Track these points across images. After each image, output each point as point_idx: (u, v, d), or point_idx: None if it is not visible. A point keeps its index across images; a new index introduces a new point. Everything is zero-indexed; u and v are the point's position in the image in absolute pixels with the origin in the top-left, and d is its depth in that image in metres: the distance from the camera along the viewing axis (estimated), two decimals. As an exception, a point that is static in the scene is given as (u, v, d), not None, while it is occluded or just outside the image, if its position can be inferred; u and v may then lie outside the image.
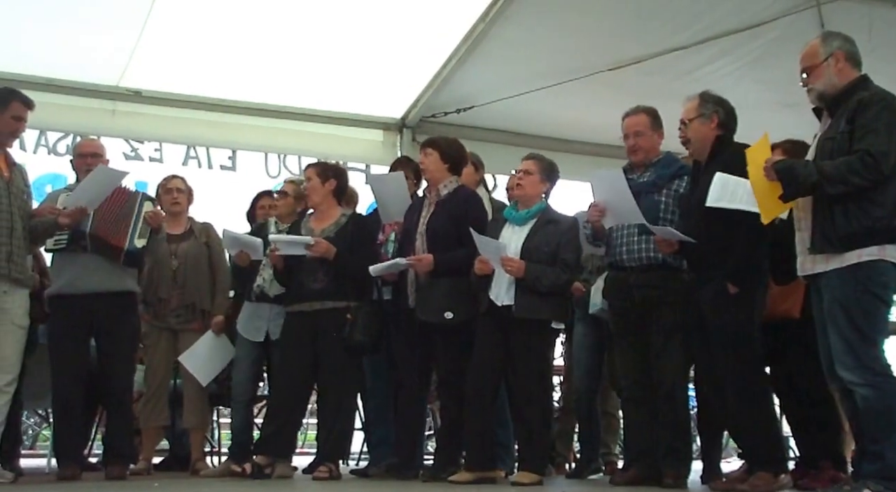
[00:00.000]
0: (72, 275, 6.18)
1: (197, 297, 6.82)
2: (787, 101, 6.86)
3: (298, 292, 6.37)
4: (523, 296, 5.72)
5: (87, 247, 6.15)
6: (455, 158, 6.29)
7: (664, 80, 7.87)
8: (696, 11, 7.42)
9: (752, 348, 5.29)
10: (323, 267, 6.28)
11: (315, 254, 6.22)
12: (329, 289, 6.28)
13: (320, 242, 6.22)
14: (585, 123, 8.70)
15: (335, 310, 6.25)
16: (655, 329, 5.63)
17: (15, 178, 5.81)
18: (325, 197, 6.52)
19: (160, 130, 8.39)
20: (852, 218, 4.53)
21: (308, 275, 6.31)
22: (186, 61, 7.93)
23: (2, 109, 5.76)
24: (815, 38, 4.93)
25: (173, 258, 6.73)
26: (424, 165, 6.26)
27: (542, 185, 6.01)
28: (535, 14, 7.47)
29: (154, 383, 6.73)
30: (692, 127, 5.49)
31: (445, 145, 6.29)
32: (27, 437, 11.54)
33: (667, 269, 5.66)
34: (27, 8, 7.16)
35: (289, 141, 8.73)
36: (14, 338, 5.67)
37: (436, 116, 8.76)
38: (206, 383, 6.70)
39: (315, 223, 6.51)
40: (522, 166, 6.07)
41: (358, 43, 7.89)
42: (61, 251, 6.21)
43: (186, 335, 6.76)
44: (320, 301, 6.29)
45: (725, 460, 7.26)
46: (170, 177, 7.03)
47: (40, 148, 8.11)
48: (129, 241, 6.20)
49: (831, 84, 4.77)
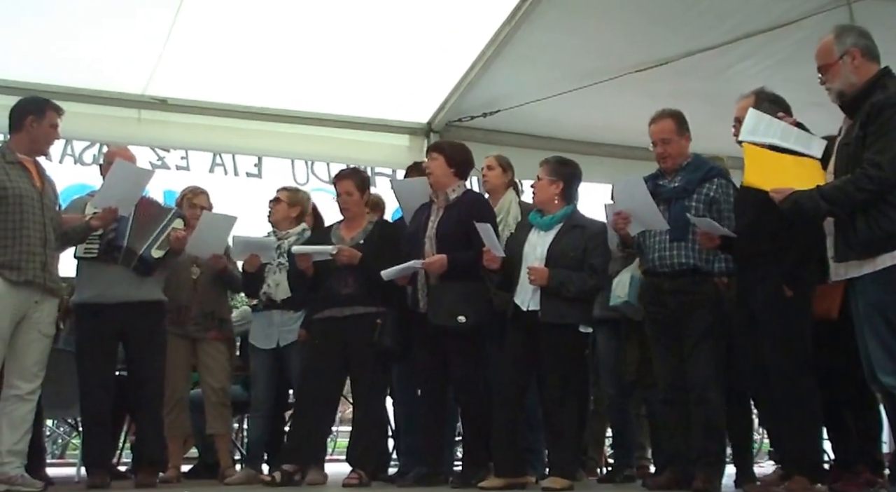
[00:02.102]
0: (102, 285, 6.20)
1: (216, 305, 6.84)
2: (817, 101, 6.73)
3: (328, 298, 6.35)
4: (549, 301, 5.69)
5: (117, 259, 6.17)
6: (461, 162, 6.28)
7: (692, 80, 7.82)
8: (724, 11, 7.36)
9: (804, 351, 5.23)
10: (353, 273, 6.26)
11: (341, 261, 6.20)
12: (359, 294, 6.28)
13: (343, 250, 6.20)
14: (613, 126, 8.66)
15: (365, 315, 6.23)
16: (687, 333, 5.59)
17: (47, 189, 5.84)
18: (361, 207, 6.55)
19: (186, 137, 8.38)
20: (873, 224, 4.46)
21: (338, 280, 6.31)
22: (212, 69, 7.93)
23: (39, 119, 5.79)
24: (828, 34, 4.82)
25: (194, 267, 6.74)
26: (430, 169, 6.25)
27: (554, 186, 5.94)
28: (561, 16, 7.44)
29: (174, 392, 6.70)
30: None
31: (451, 150, 6.29)
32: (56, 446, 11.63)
33: (699, 274, 5.62)
34: (52, 18, 7.17)
35: (315, 147, 8.71)
36: (39, 347, 5.68)
37: (462, 121, 8.72)
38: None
39: (345, 231, 6.52)
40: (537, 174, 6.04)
41: (383, 48, 7.88)
42: (90, 260, 6.21)
43: (205, 344, 6.78)
44: (350, 307, 6.28)
45: (758, 464, 7.18)
46: (197, 191, 7.03)
47: (66, 157, 8.13)
48: (146, 247, 6.21)
49: (849, 83, 4.69)
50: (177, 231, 6.34)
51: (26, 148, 5.80)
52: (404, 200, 6.74)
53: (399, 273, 6.11)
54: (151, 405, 6.37)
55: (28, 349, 5.62)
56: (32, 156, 5.85)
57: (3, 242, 5.53)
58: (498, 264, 5.82)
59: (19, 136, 5.80)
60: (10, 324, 5.54)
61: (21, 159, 5.75)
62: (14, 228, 5.56)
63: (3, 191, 5.56)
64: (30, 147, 5.82)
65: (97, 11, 7.17)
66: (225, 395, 6.83)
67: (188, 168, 8.51)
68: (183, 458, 7.21)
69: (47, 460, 8.05)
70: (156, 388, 6.39)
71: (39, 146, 5.87)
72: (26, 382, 5.61)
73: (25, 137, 5.79)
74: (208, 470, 7.19)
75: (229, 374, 6.95)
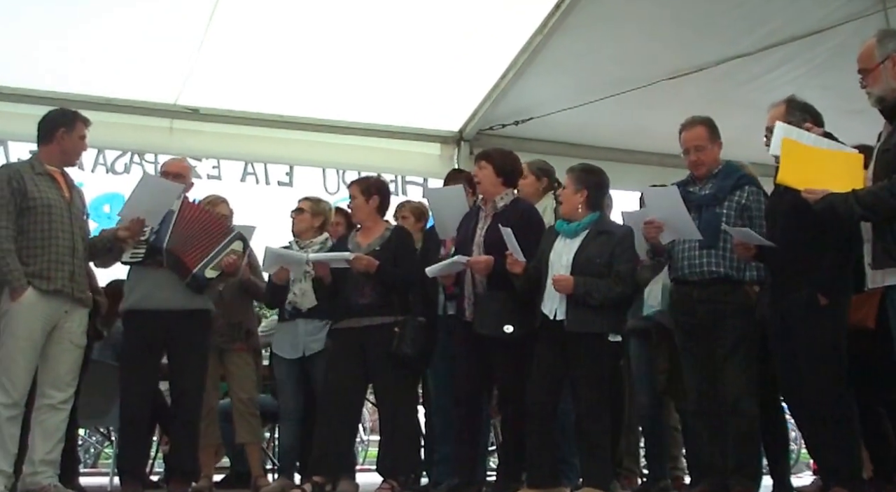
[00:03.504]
0: (146, 290, 6.20)
1: (242, 317, 6.84)
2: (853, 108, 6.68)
3: (346, 308, 6.32)
4: (575, 310, 5.61)
5: (162, 262, 6.17)
6: (509, 170, 6.21)
7: (725, 88, 7.79)
8: (758, 18, 7.32)
9: (840, 361, 5.15)
10: (370, 282, 6.24)
11: (357, 268, 6.18)
12: (376, 304, 6.24)
13: (360, 258, 6.18)
14: (646, 134, 8.61)
15: (383, 325, 6.20)
16: (719, 343, 5.52)
17: (75, 199, 5.87)
18: (369, 214, 6.50)
19: (218, 147, 8.42)
20: None
21: (355, 290, 6.28)
22: (243, 78, 7.96)
23: (70, 130, 5.82)
24: (871, 38, 4.75)
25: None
26: (479, 178, 6.18)
27: (578, 195, 5.86)
28: (593, 25, 7.42)
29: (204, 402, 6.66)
30: None
31: (500, 158, 6.21)
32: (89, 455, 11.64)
33: (729, 282, 5.55)
34: (85, 29, 7.23)
35: (346, 156, 8.71)
36: (71, 357, 5.70)
37: (493, 129, 8.71)
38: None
39: (361, 238, 6.49)
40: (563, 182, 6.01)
41: (415, 57, 7.89)
42: (137, 265, 6.23)
43: (232, 355, 6.78)
44: (368, 317, 6.24)
45: (797, 476, 7.11)
46: (217, 201, 6.97)
47: (98, 167, 8.15)
48: (201, 266, 6.20)
49: (890, 88, 4.62)
50: (231, 256, 6.29)
51: (56, 159, 5.83)
52: (437, 209, 6.70)
53: (443, 270, 6.06)
54: (189, 416, 6.32)
55: (60, 359, 5.64)
56: (62, 167, 5.88)
57: (32, 252, 5.57)
58: (520, 269, 5.77)
59: (49, 147, 5.83)
60: (41, 333, 5.56)
61: (50, 170, 5.78)
62: (43, 237, 5.59)
63: (32, 201, 5.60)
64: (60, 158, 5.85)
65: (130, 22, 7.22)
66: (253, 405, 6.82)
67: (220, 177, 8.53)
68: (215, 468, 7.19)
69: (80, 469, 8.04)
70: (195, 399, 6.35)
71: (69, 157, 5.91)
72: (59, 391, 5.63)
73: (56, 148, 5.82)
74: (240, 480, 7.19)
75: (256, 384, 6.95)
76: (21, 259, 5.53)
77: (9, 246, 5.52)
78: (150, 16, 7.20)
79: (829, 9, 7.11)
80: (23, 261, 5.54)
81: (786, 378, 5.46)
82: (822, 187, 4.65)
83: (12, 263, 5.50)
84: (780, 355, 5.40)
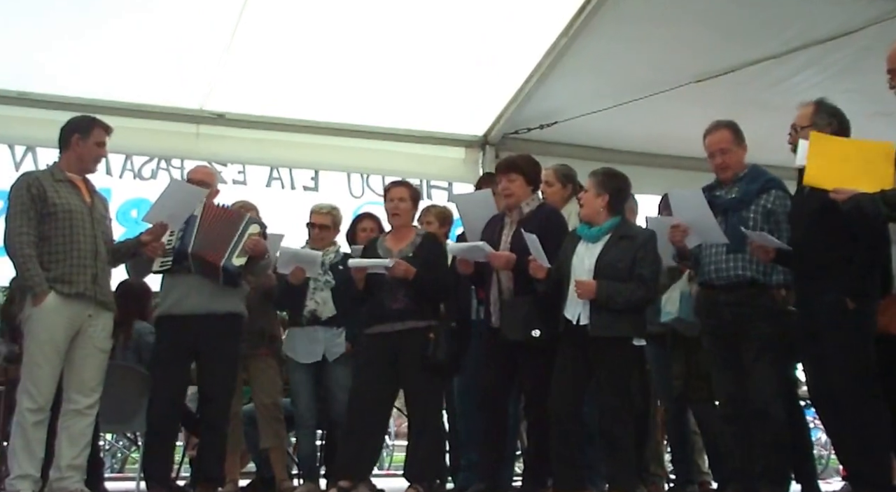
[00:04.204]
0: (178, 295, 6.26)
1: (265, 322, 6.85)
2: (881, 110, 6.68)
3: (379, 313, 6.32)
4: (598, 314, 5.59)
5: (190, 268, 6.22)
6: (537, 178, 6.25)
7: (750, 91, 7.74)
8: (782, 22, 7.27)
9: (868, 365, 5.10)
10: (403, 287, 6.23)
11: (395, 275, 6.18)
12: (410, 309, 6.24)
13: (399, 264, 6.18)
14: (671, 137, 8.58)
15: (416, 330, 6.20)
16: (746, 347, 5.49)
17: (96, 204, 5.91)
18: (410, 217, 6.54)
19: (243, 152, 8.45)
20: None
21: (388, 295, 6.27)
22: (268, 84, 7.98)
23: (85, 136, 5.86)
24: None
25: (244, 284, 6.72)
26: (510, 190, 6.12)
27: (599, 199, 5.81)
28: (618, 27, 7.39)
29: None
30: (803, 135, 5.33)
31: (528, 168, 6.18)
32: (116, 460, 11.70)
33: (756, 286, 5.53)
34: (112, 35, 7.27)
35: (371, 160, 8.73)
36: (96, 361, 5.73)
37: (518, 133, 8.70)
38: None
39: (392, 243, 6.47)
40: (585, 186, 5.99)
41: (439, 61, 7.88)
42: (169, 272, 6.29)
43: (255, 360, 6.79)
44: (402, 322, 6.24)
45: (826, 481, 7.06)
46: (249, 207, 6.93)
47: (126, 172, 8.20)
48: (227, 257, 6.22)
49: None
50: (253, 237, 6.33)
51: (74, 166, 5.88)
52: (465, 214, 6.68)
53: (465, 251, 6.04)
54: (217, 422, 6.35)
55: (85, 364, 5.68)
56: (81, 174, 5.92)
57: (54, 257, 5.62)
58: (543, 274, 5.75)
59: (67, 154, 5.89)
60: (64, 337, 5.60)
61: (70, 177, 5.83)
62: (64, 242, 5.64)
63: (53, 207, 5.65)
64: (77, 165, 5.89)
65: (157, 29, 7.25)
66: (277, 409, 6.83)
67: (245, 182, 8.56)
68: (241, 473, 7.21)
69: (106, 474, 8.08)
70: (224, 405, 6.38)
71: (86, 164, 5.93)
72: (84, 396, 5.67)
73: (73, 155, 5.87)
74: (266, 485, 7.19)
75: (280, 388, 6.95)
76: (43, 265, 5.59)
77: (30, 252, 5.57)
78: (177, 23, 7.23)
79: (852, 12, 7.04)
80: (45, 266, 5.59)
81: (813, 382, 5.43)
82: (850, 187, 4.62)
83: (33, 269, 5.55)
84: (807, 360, 5.37)
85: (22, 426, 5.50)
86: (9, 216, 5.70)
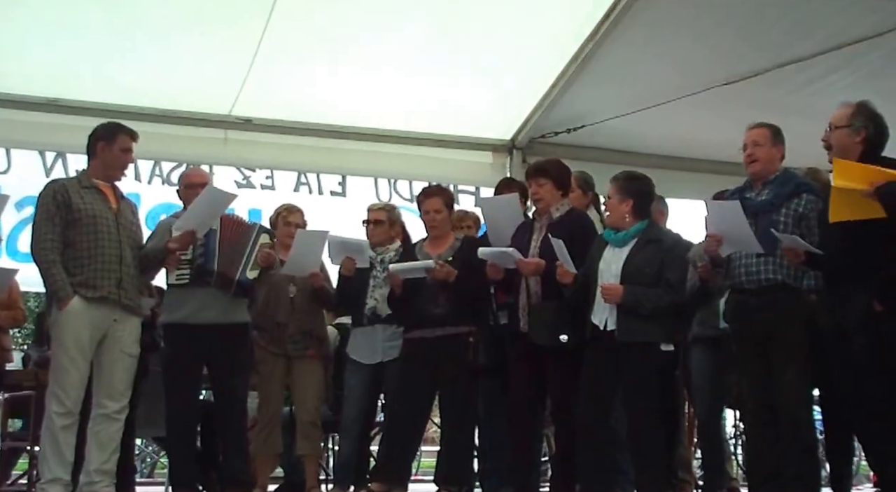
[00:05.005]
0: (191, 307, 6.29)
1: (313, 323, 6.82)
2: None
3: (419, 318, 6.33)
4: (625, 319, 5.57)
5: (210, 283, 6.25)
6: (566, 182, 6.23)
7: (781, 93, 7.68)
8: (811, 24, 7.21)
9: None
10: (443, 292, 6.24)
11: (437, 278, 6.17)
12: (450, 314, 6.25)
13: (442, 266, 6.18)
14: (699, 141, 8.54)
15: (456, 335, 6.21)
16: (776, 351, 5.46)
17: (123, 210, 5.94)
18: (448, 225, 6.56)
19: (271, 157, 8.46)
20: None
21: (428, 300, 6.28)
22: (296, 89, 7.99)
23: (110, 143, 5.89)
24: None
25: (291, 286, 6.73)
26: (539, 195, 6.13)
27: (624, 204, 5.77)
28: (645, 31, 7.36)
29: (268, 410, 6.73)
30: (836, 135, 5.30)
31: (556, 172, 6.18)
32: (145, 465, 11.74)
33: (787, 290, 5.49)
34: (140, 43, 7.31)
35: (398, 165, 8.72)
36: (123, 366, 5.77)
37: (545, 137, 8.66)
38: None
39: (431, 248, 6.48)
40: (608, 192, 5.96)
41: (466, 65, 7.88)
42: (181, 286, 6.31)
43: (301, 362, 6.75)
44: (442, 327, 6.25)
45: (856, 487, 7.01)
46: (293, 210, 7.04)
47: (155, 178, 8.26)
48: (241, 271, 6.30)
49: None
50: (264, 248, 6.37)
51: (100, 173, 5.92)
52: (490, 218, 6.67)
53: (495, 256, 6.01)
54: (237, 426, 6.43)
55: (113, 368, 5.72)
56: (108, 181, 5.94)
57: (78, 263, 5.67)
58: (570, 280, 5.74)
59: (94, 161, 5.93)
60: (90, 340, 5.64)
61: (96, 184, 5.86)
62: (89, 247, 5.68)
63: (78, 213, 5.69)
64: (103, 172, 5.92)
65: (184, 36, 7.29)
66: (316, 415, 6.80)
67: (273, 187, 8.61)
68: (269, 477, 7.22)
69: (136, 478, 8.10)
70: (241, 409, 6.47)
71: (112, 171, 5.95)
72: (114, 401, 5.71)
73: (98, 162, 5.92)
74: (293, 490, 7.19)
75: (322, 394, 6.93)
76: (68, 270, 5.63)
77: (54, 257, 5.62)
78: (205, 29, 7.26)
79: (882, 14, 6.97)
80: (70, 272, 5.63)
81: (843, 387, 5.38)
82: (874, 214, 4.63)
83: (57, 274, 5.60)
84: (836, 364, 5.33)
85: (51, 430, 5.54)
86: (35, 223, 5.76)
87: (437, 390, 6.42)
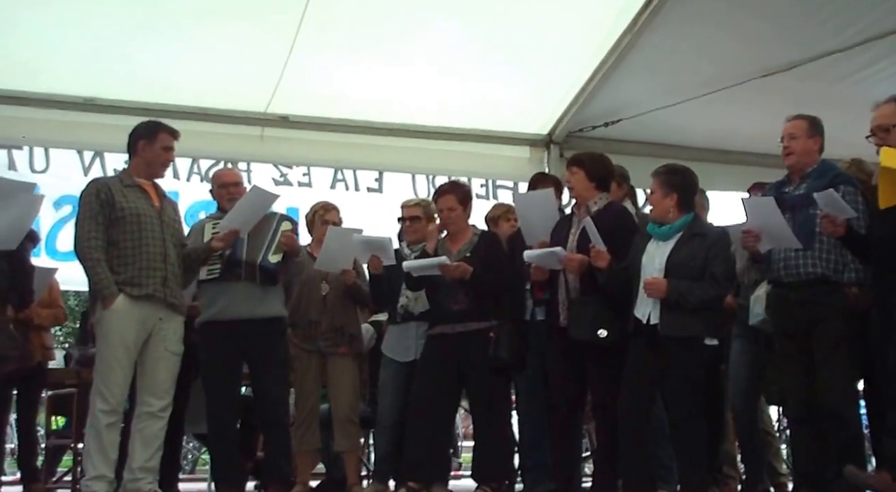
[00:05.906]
0: (225, 302, 6.27)
1: (345, 321, 6.82)
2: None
3: (440, 315, 6.33)
4: (669, 313, 5.51)
5: (240, 275, 6.25)
6: (601, 175, 6.13)
7: (820, 85, 7.63)
8: (849, 15, 7.16)
9: None
10: (463, 288, 6.23)
11: (451, 276, 6.17)
12: (470, 310, 6.23)
13: (458, 265, 6.17)
14: (739, 133, 8.50)
15: (478, 331, 6.19)
16: (817, 346, 5.41)
17: (165, 207, 5.95)
18: (465, 221, 6.53)
19: (308, 154, 8.50)
20: None
21: (448, 297, 6.28)
22: (332, 85, 8.01)
23: (151, 141, 5.89)
24: None
25: (324, 283, 6.74)
26: (571, 183, 6.13)
27: (668, 199, 5.71)
28: (683, 23, 7.32)
29: (304, 406, 6.75)
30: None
31: (591, 163, 6.14)
32: (187, 461, 11.79)
33: (827, 283, 5.44)
34: (177, 40, 7.36)
35: (435, 161, 8.73)
36: (168, 364, 5.77)
37: (583, 131, 8.66)
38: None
39: (451, 245, 6.47)
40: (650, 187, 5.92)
41: (502, 60, 7.88)
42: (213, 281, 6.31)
43: (335, 359, 6.76)
44: (462, 323, 6.24)
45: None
46: (329, 207, 7.04)
47: (193, 176, 8.31)
48: (263, 256, 6.25)
49: None
50: (286, 233, 6.36)
51: (142, 171, 5.92)
52: (524, 214, 6.62)
53: (541, 258, 5.96)
54: (278, 421, 6.42)
55: (157, 366, 5.73)
56: (149, 178, 5.95)
57: (123, 261, 5.67)
58: (605, 262, 5.68)
59: (135, 160, 5.93)
60: (135, 339, 5.65)
61: (139, 182, 5.87)
62: (133, 246, 5.69)
63: (121, 212, 5.69)
64: (145, 170, 5.93)
65: (221, 33, 7.33)
66: (353, 412, 6.80)
67: (310, 184, 8.63)
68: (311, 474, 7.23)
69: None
70: (282, 404, 6.46)
71: (153, 169, 5.96)
72: (158, 399, 5.72)
73: (140, 160, 5.92)
74: (335, 486, 7.20)
75: (358, 390, 6.93)
76: (112, 269, 5.64)
77: (98, 256, 5.63)
78: (240, 26, 7.29)
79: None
80: (114, 270, 5.64)
81: (888, 381, 5.32)
82: None
83: (102, 273, 5.61)
84: (882, 357, 5.27)
85: (96, 428, 5.57)
86: (78, 222, 5.76)
87: (463, 387, 6.40)
